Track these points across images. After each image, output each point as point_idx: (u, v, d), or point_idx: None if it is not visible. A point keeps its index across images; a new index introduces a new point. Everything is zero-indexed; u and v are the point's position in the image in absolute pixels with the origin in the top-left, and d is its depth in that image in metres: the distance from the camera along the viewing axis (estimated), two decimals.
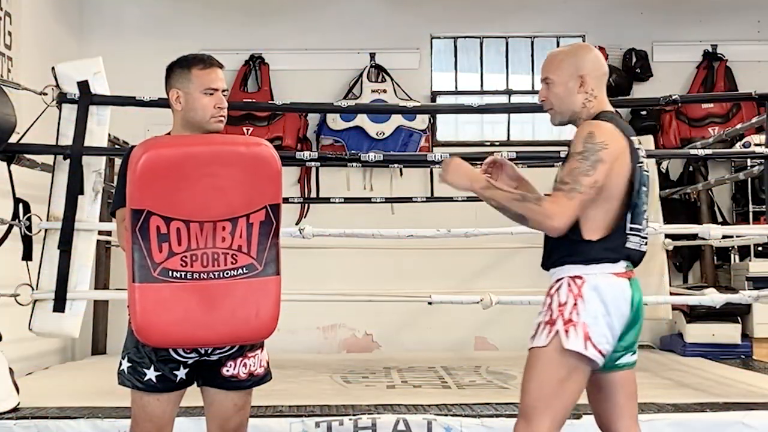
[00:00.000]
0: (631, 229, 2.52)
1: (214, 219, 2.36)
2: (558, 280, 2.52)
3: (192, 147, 2.39)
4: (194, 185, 2.32)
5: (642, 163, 2.54)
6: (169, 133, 2.65)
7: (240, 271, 2.39)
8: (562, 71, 2.58)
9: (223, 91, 2.60)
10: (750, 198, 6.81)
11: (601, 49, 7.12)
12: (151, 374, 2.52)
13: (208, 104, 2.56)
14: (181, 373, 2.55)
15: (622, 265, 2.51)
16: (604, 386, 2.60)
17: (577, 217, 2.43)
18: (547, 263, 2.61)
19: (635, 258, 2.56)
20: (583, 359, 2.43)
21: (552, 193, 2.45)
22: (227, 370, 2.57)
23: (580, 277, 2.47)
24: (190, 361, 2.54)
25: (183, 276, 2.34)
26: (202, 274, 2.35)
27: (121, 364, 2.58)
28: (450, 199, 6.64)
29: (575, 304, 2.45)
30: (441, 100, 7.47)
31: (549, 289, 2.55)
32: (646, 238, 2.59)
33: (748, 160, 6.38)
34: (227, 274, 2.38)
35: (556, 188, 2.44)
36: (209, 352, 2.54)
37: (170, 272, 2.33)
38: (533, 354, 2.50)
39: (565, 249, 2.51)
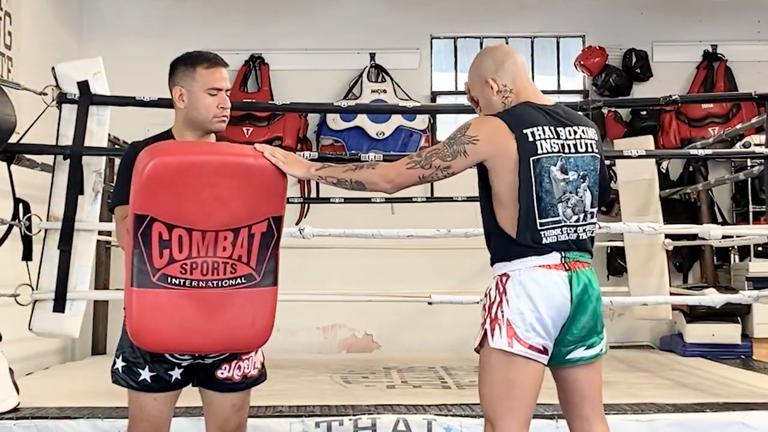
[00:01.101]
0: (542, 224, 2.44)
1: (217, 228, 2.35)
2: (494, 279, 2.52)
3: (199, 156, 2.37)
4: (199, 194, 2.31)
5: (545, 154, 2.43)
6: (170, 130, 2.64)
7: (238, 280, 2.39)
8: (474, 86, 2.64)
9: (227, 90, 2.59)
10: (750, 198, 6.81)
11: (601, 49, 7.15)
12: (145, 374, 2.53)
13: (211, 104, 2.55)
14: (176, 373, 2.55)
15: (555, 257, 2.44)
16: (559, 382, 2.58)
17: (407, 186, 2.52)
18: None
19: (573, 248, 2.47)
20: (516, 356, 2.41)
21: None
22: (221, 373, 2.58)
23: (506, 275, 2.47)
24: (184, 363, 2.55)
25: (181, 283, 2.35)
26: (200, 282, 2.36)
27: (115, 362, 2.59)
28: (450, 199, 6.64)
29: (500, 302, 2.45)
30: (441, 100, 7.47)
31: (486, 289, 2.55)
32: (578, 226, 2.48)
33: (748, 160, 6.38)
34: (226, 283, 2.38)
35: (407, 157, 2.52)
36: (203, 355, 2.55)
37: (169, 278, 2.34)
38: (480, 357, 2.50)
39: (493, 249, 2.54)
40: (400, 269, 6.82)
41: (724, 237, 5.55)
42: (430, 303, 4.42)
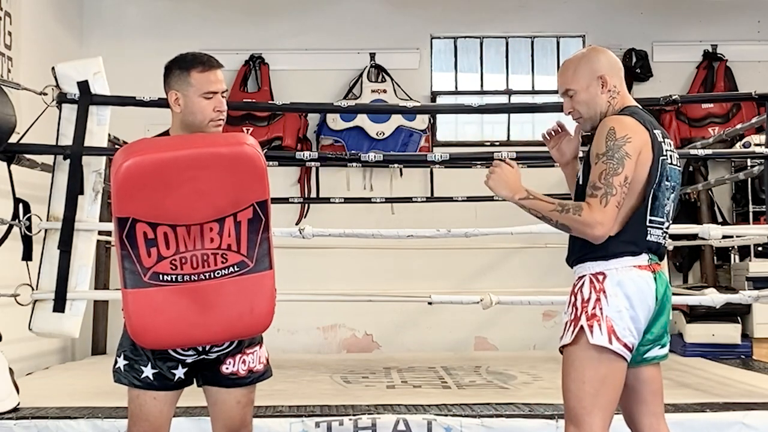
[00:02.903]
0: (651, 221, 2.52)
1: (200, 221, 2.35)
2: (581, 278, 2.55)
3: (171, 152, 2.34)
4: (177, 190, 2.30)
5: (666, 156, 2.54)
6: (167, 131, 2.64)
7: (231, 269, 2.39)
8: (580, 78, 2.61)
9: (223, 92, 2.57)
10: (750, 198, 6.81)
11: None
12: (148, 372, 2.53)
13: (207, 107, 2.53)
14: (180, 372, 2.55)
15: (644, 258, 2.52)
16: (630, 382, 2.60)
17: (616, 217, 2.45)
18: (570, 260, 2.63)
19: (658, 251, 2.56)
20: (612, 353, 2.45)
21: (587, 199, 2.45)
22: (227, 368, 2.58)
23: (602, 273, 2.50)
24: (189, 360, 2.55)
25: (174, 279, 2.35)
26: (192, 276, 2.36)
27: (116, 361, 2.59)
28: (450, 199, 6.65)
29: (598, 300, 2.47)
30: (441, 100, 7.47)
31: (573, 287, 2.57)
32: (667, 232, 2.60)
33: (748, 160, 6.37)
34: (218, 273, 2.38)
35: (589, 194, 2.45)
36: (207, 350, 2.55)
37: (161, 276, 2.34)
38: (565, 354, 2.53)
39: (585, 246, 2.52)
40: (400, 269, 6.83)
41: (724, 237, 5.55)
42: (430, 303, 4.42)
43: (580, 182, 2.59)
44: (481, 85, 7.54)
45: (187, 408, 3.48)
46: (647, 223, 2.52)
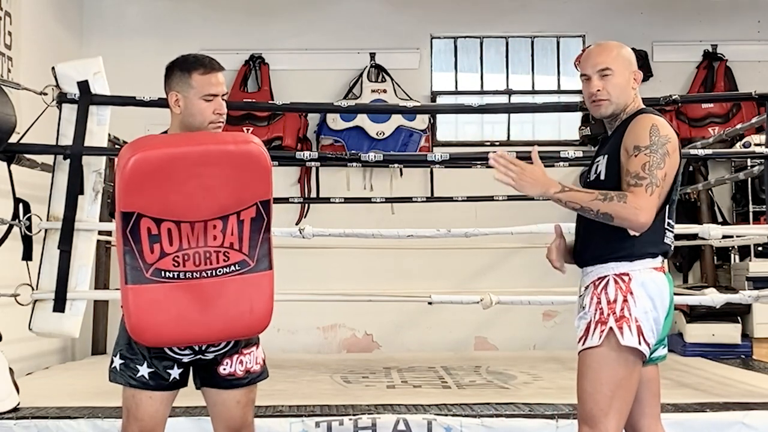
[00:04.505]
0: (668, 224, 2.54)
1: (205, 218, 2.35)
2: (602, 278, 2.51)
3: (180, 148, 2.36)
4: (183, 186, 2.30)
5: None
6: (166, 132, 2.63)
7: (232, 268, 2.39)
8: (621, 62, 2.59)
9: (223, 95, 2.58)
10: (750, 198, 6.81)
11: None
12: (144, 371, 2.53)
13: (207, 110, 2.53)
14: (175, 372, 2.55)
15: (659, 260, 2.53)
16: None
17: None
18: (584, 259, 2.59)
19: (669, 253, 2.58)
20: (637, 354, 2.45)
21: (629, 188, 2.42)
22: (224, 369, 2.58)
23: (626, 274, 2.48)
24: (185, 359, 2.55)
25: (175, 276, 2.35)
26: (194, 273, 2.36)
27: (113, 361, 2.59)
28: (450, 199, 6.65)
29: (625, 300, 2.46)
30: (441, 100, 7.47)
31: (592, 287, 2.53)
32: (673, 233, 2.60)
33: (748, 160, 6.37)
34: (220, 272, 2.38)
35: (633, 183, 2.42)
36: (204, 349, 2.55)
37: (162, 272, 2.34)
38: (587, 356, 2.49)
39: (607, 245, 2.50)
40: (400, 269, 6.83)
41: (724, 237, 5.54)
42: (430, 303, 4.42)
43: (602, 177, 2.56)
44: (481, 85, 7.54)
45: (187, 408, 3.48)
46: (665, 226, 2.52)
